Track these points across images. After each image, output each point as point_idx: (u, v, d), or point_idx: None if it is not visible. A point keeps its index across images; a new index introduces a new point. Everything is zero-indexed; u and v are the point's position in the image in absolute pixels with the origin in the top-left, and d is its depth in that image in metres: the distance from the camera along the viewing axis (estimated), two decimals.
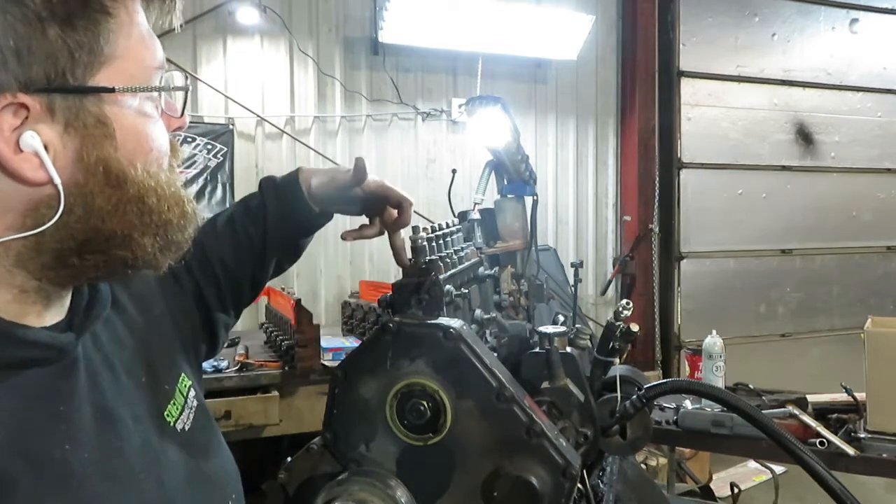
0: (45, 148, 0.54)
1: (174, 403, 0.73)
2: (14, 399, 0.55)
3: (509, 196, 1.48)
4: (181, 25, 0.68)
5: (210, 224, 1.01)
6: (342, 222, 1.20)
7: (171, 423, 0.71)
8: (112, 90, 0.57)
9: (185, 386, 0.78)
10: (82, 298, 0.66)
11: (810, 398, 2.25)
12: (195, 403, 0.77)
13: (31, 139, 0.54)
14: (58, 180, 0.55)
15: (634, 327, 1.06)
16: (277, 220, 0.99)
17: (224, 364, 2.70)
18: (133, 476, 0.62)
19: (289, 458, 0.88)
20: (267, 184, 1.02)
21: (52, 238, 0.57)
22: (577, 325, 1.18)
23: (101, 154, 0.57)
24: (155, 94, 0.62)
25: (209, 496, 0.73)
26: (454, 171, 1.74)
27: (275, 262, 1.04)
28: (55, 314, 0.62)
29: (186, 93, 0.67)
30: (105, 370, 0.65)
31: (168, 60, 0.65)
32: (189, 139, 3.45)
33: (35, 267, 0.57)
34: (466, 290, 1.08)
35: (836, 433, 2.07)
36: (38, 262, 0.57)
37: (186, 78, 0.67)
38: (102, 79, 0.57)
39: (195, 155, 3.50)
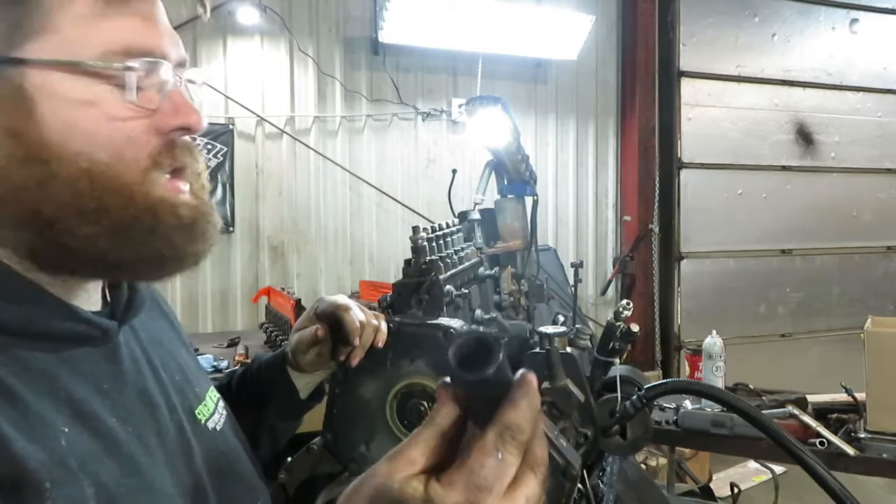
0: None
1: (205, 405, 0.74)
2: (67, 372, 0.56)
3: (509, 196, 1.49)
4: (210, 11, 0.69)
5: None
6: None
7: (203, 422, 0.71)
8: (23, 62, 0.53)
9: (215, 396, 0.78)
10: (122, 295, 0.67)
11: (810, 398, 2.25)
12: (224, 413, 0.78)
13: None
14: None
15: (634, 327, 1.07)
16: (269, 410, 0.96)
17: (224, 364, 2.70)
18: (170, 457, 0.63)
19: (289, 458, 0.88)
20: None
21: None
22: (577, 326, 1.18)
23: (12, 126, 0.54)
24: (126, 78, 0.57)
25: (238, 492, 0.72)
26: (454, 171, 1.74)
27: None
28: (91, 302, 0.64)
29: (195, 91, 0.66)
30: (144, 361, 0.67)
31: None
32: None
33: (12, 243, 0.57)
34: (467, 291, 1.08)
35: (835, 433, 2.06)
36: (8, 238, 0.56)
37: (180, 77, 0.62)
38: (30, 51, 0.54)
39: None
